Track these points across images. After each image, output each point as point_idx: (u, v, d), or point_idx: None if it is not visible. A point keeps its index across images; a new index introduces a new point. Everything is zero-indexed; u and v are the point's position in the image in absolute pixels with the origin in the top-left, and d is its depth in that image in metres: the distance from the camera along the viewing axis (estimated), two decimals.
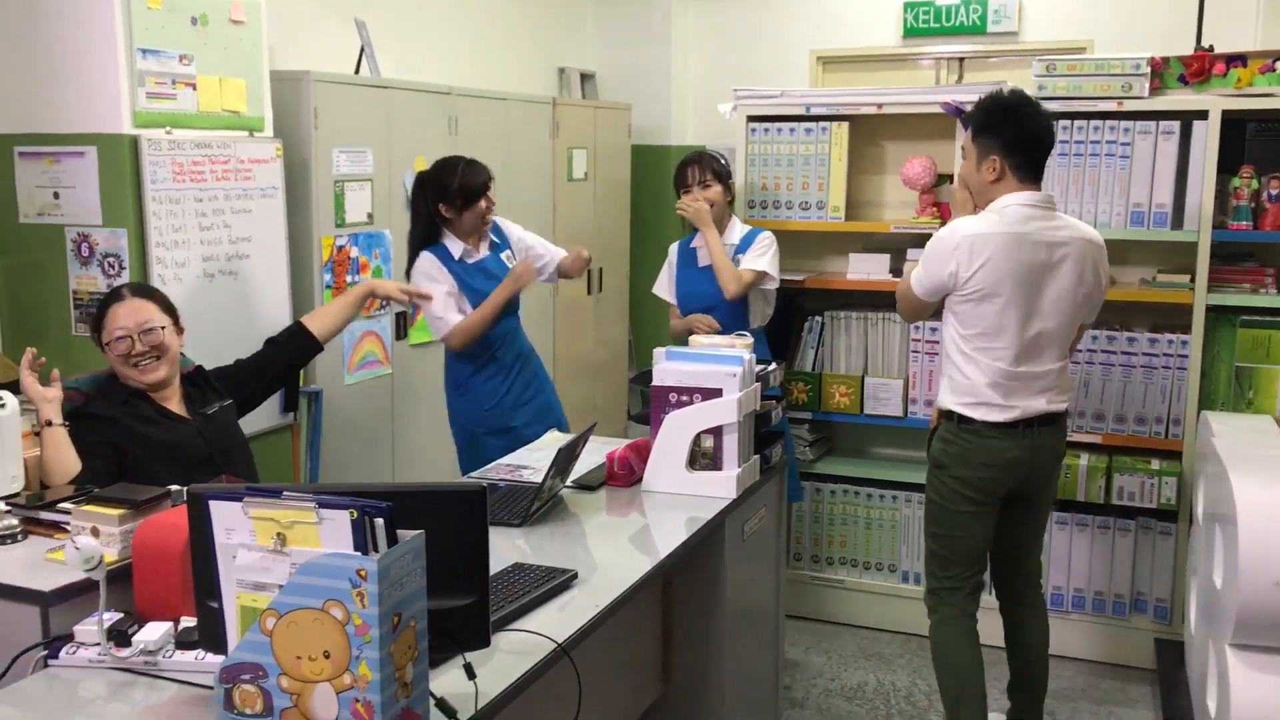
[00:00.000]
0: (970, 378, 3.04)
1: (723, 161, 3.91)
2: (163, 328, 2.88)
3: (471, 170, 3.67)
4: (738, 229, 3.91)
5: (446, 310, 3.65)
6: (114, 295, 2.92)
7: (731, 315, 3.81)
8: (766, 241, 3.84)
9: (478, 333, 3.65)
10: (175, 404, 2.95)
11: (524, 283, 3.71)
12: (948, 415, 3.11)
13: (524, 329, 3.90)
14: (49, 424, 2.69)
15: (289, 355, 3.32)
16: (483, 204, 3.69)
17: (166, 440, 2.85)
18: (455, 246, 3.70)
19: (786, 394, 4.16)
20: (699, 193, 3.81)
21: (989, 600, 3.29)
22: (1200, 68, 3.72)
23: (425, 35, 5.36)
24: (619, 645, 2.68)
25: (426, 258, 3.69)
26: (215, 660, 1.74)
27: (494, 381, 3.75)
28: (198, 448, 2.90)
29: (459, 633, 1.84)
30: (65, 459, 2.67)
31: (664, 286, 4.02)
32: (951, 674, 3.17)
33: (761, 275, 3.79)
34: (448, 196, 3.65)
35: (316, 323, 3.39)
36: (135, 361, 2.85)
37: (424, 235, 3.73)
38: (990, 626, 3.29)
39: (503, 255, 3.82)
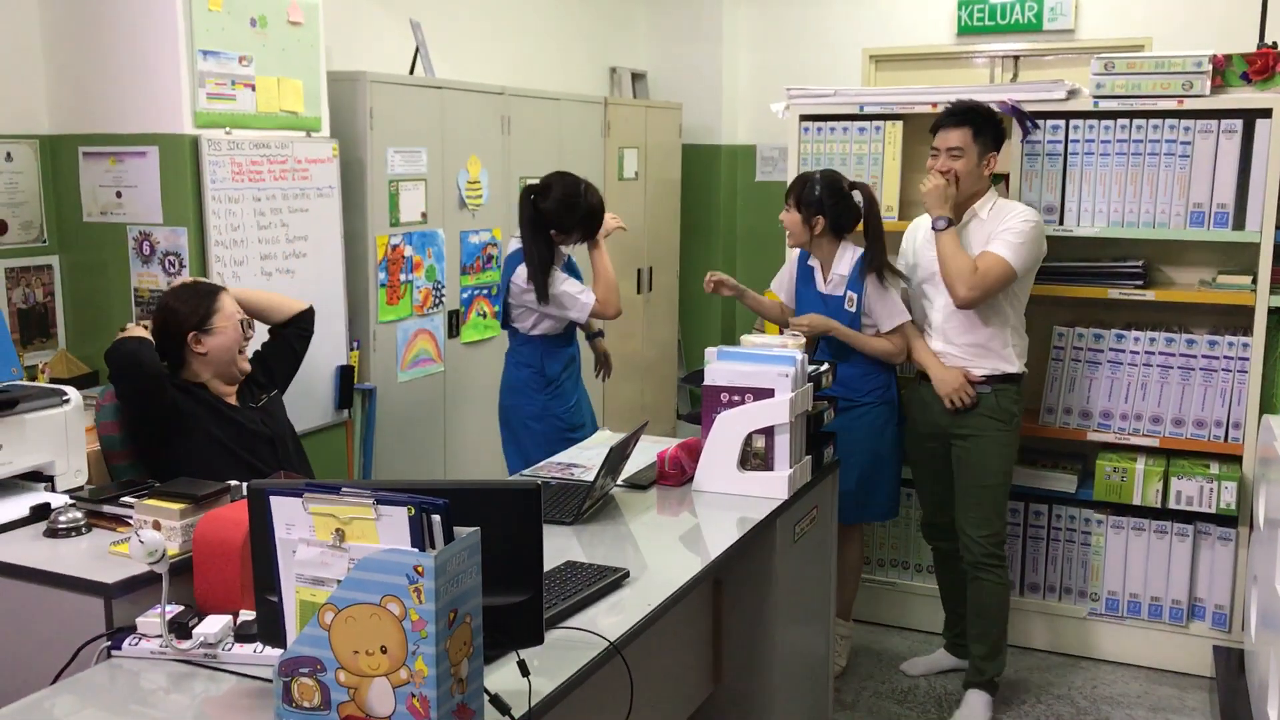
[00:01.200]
0: (1024, 340, 3.58)
1: (816, 191, 3.61)
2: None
3: (593, 190, 3.78)
4: (848, 258, 3.66)
5: (582, 290, 3.74)
6: (214, 289, 3.01)
7: (835, 344, 3.68)
8: (882, 290, 3.60)
9: (617, 290, 3.84)
10: (233, 399, 3.03)
11: (611, 228, 3.91)
12: (1011, 378, 3.52)
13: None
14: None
15: (294, 334, 3.30)
16: (602, 235, 3.85)
17: (233, 425, 2.93)
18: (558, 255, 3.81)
19: None
20: (783, 213, 3.68)
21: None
22: (1264, 65, 3.65)
23: (478, 36, 5.39)
24: (670, 644, 2.68)
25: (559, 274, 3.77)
26: (273, 653, 1.76)
27: (573, 380, 3.90)
28: (260, 433, 2.99)
29: (513, 629, 1.85)
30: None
31: (783, 286, 3.87)
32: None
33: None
34: (567, 227, 3.74)
35: None
36: (242, 348, 2.97)
37: (544, 258, 3.71)
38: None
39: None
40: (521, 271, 3.72)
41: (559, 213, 3.71)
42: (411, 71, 4.64)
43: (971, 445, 3.53)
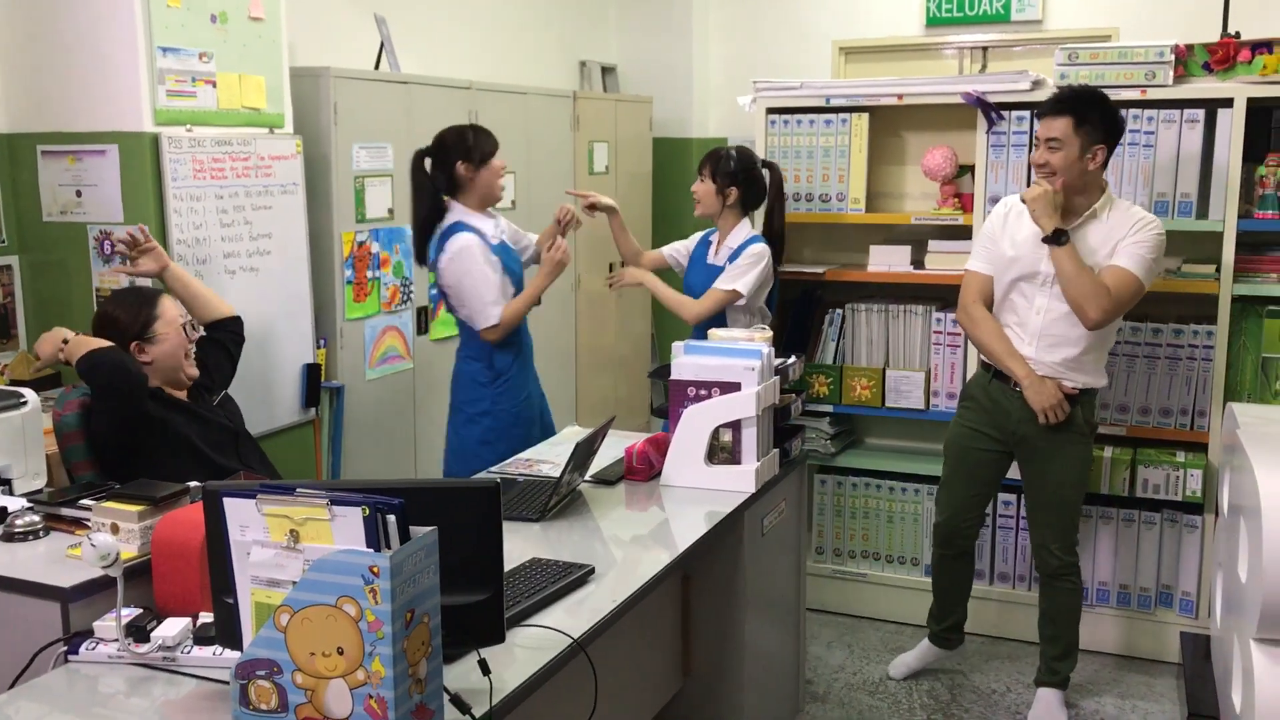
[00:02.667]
0: None
1: (732, 163, 3.73)
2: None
3: (483, 132, 3.59)
4: (741, 234, 3.76)
5: (502, 298, 3.52)
6: (155, 291, 2.97)
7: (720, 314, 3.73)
8: (752, 259, 3.68)
9: (518, 322, 3.59)
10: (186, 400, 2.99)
11: (565, 264, 3.62)
12: (1092, 390, 3.41)
13: (547, 323, 3.91)
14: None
15: (228, 339, 3.22)
16: (498, 162, 3.57)
17: (201, 421, 2.90)
18: (484, 224, 3.55)
19: (806, 387, 4.15)
20: (696, 184, 3.80)
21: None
22: (1225, 55, 3.67)
23: (446, 30, 5.36)
24: (638, 639, 2.68)
25: (470, 240, 3.47)
26: (233, 656, 1.75)
27: (527, 370, 3.73)
28: (226, 428, 2.97)
29: (474, 628, 1.85)
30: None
31: (677, 251, 4.01)
32: None
33: (731, 295, 3.67)
34: (468, 151, 3.52)
35: None
36: (189, 351, 2.93)
37: (429, 210, 3.54)
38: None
39: (507, 238, 3.70)
40: (445, 250, 3.49)
41: (452, 136, 3.56)
42: (377, 66, 4.61)
43: (1055, 457, 3.38)
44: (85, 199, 3.48)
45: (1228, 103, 3.62)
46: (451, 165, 3.54)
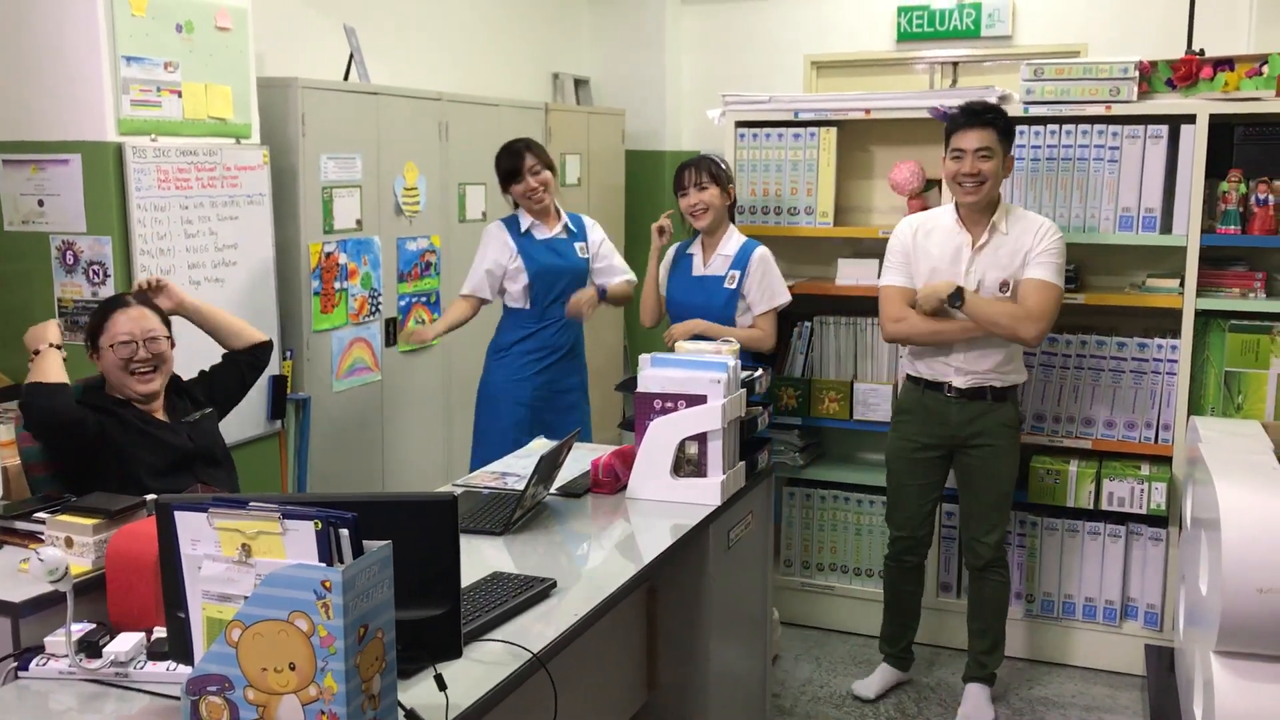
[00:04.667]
0: None
1: (723, 165, 3.82)
2: (166, 337, 2.92)
3: (506, 153, 3.99)
4: (735, 240, 3.83)
5: (473, 280, 4.01)
6: (117, 301, 2.93)
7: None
8: (772, 268, 3.78)
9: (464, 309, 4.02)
10: (160, 414, 2.95)
11: (571, 314, 4.00)
12: (1017, 386, 3.55)
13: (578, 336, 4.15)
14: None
15: (246, 362, 3.23)
16: (521, 186, 3.95)
17: (155, 442, 2.85)
18: (524, 220, 4.01)
19: (775, 400, 4.15)
20: (695, 195, 3.78)
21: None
22: (1188, 71, 3.71)
23: (416, 41, 5.36)
24: (601, 653, 2.66)
25: (495, 224, 4.05)
26: (186, 671, 1.73)
27: (531, 358, 3.99)
28: (185, 451, 2.90)
29: (430, 643, 1.83)
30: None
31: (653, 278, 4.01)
32: None
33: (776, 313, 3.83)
34: (499, 174, 4.02)
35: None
36: (135, 369, 2.85)
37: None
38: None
39: (577, 245, 4.08)
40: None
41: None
42: (346, 77, 4.60)
43: (988, 454, 3.50)
44: (48, 209, 3.45)
45: (1190, 119, 3.66)
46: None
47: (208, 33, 3.66)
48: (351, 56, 4.60)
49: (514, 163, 3.95)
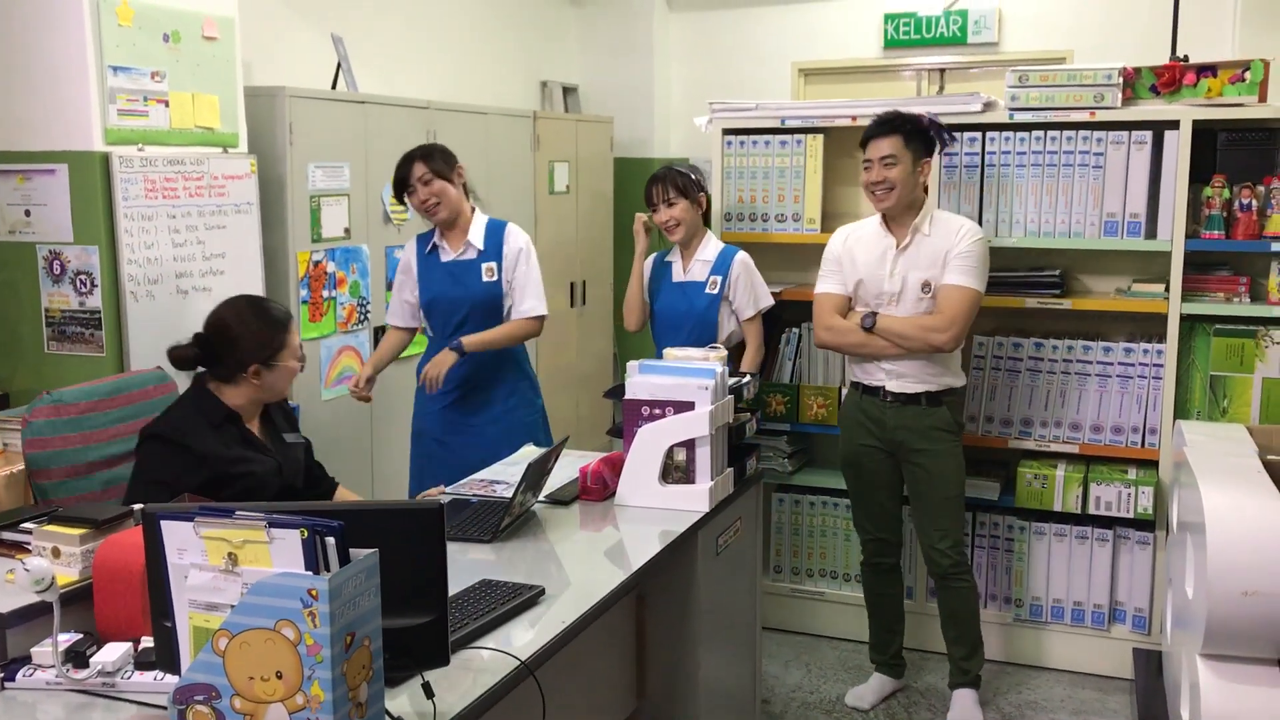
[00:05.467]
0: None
1: (693, 176, 3.83)
2: None
3: (401, 163, 3.65)
4: (712, 245, 3.87)
5: (391, 306, 3.88)
6: (285, 317, 2.80)
7: (702, 331, 3.80)
8: (754, 272, 3.81)
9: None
10: (257, 429, 2.82)
11: (425, 378, 3.65)
12: (958, 390, 3.57)
13: (497, 361, 3.78)
14: None
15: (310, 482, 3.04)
16: (414, 198, 3.63)
17: (250, 473, 2.71)
18: (435, 237, 3.74)
19: (763, 406, 4.16)
20: (665, 212, 3.79)
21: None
22: (1171, 78, 3.73)
23: (405, 50, 5.36)
24: (590, 661, 2.67)
25: (411, 241, 3.82)
26: (173, 681, 1.73)
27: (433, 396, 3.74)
28: (273, 483, 2.76)
29: (418, 651, 1.83)
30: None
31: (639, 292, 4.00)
32: None
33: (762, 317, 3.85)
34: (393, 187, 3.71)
35: None
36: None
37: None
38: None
39: (485, 266, 3.71)
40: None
41: None
42: (334, 86, 4.60)
43: (928, 458, 3.53)
44: (34, 218, 3.44)
45: (1174, 124, 3.68)
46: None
47: (195, 42, 3.66)
48: (339, 65, 4.60)
49: (401, 171, 3.61)
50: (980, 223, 3.93)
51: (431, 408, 3.80)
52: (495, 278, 3.69)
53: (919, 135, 3.46)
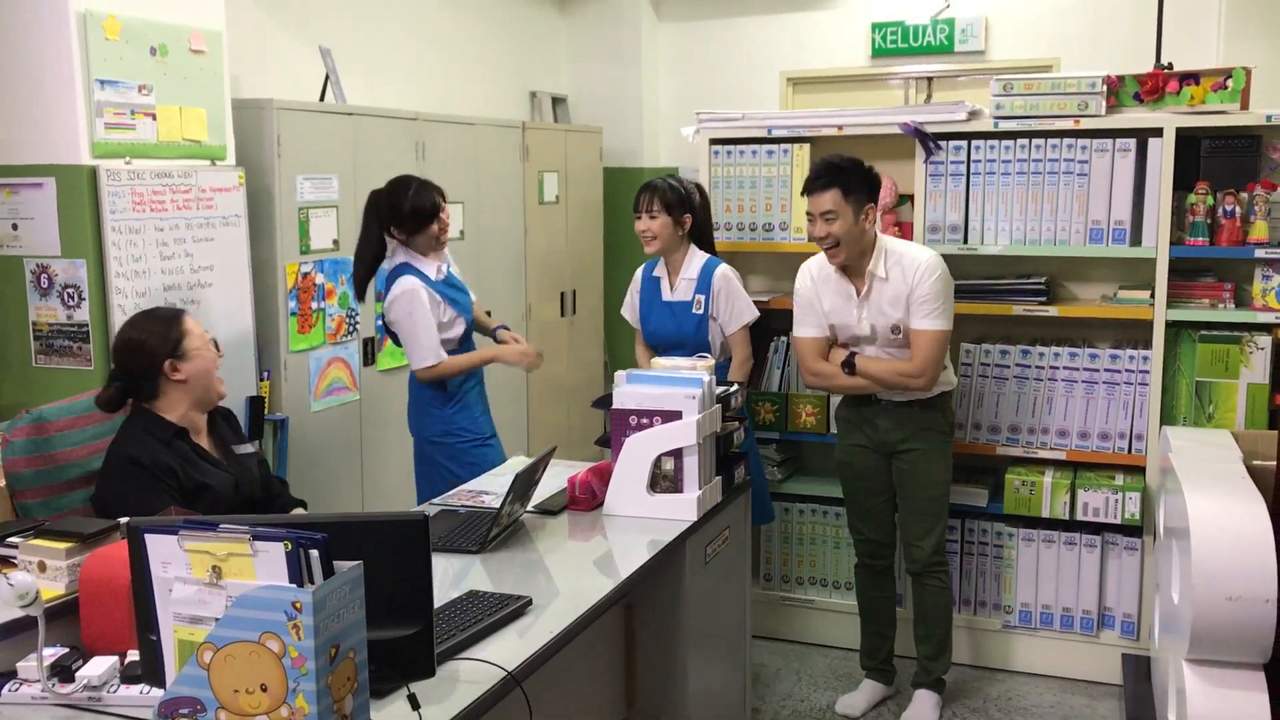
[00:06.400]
0: None
1: (684, 190, 3.79)
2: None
3: (422, 192, 3.65)
4: (696, 261, 3.81)
5: (439, 347, 3.64)
6: (175, 313, 2.84)
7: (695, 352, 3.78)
8: (734, 286, 3.78)
9: (454, 375, 3.71)
10: (206, 442, 2.83)
11: (519, 364, 3.91)
12: (948, 393, 3.62)
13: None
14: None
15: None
16: (434, 226, 3.67)
17: (207, 484, 2.73)
18: (427, 267, 3.67)
19: (752, 415, 4.17)
20: (646, 221, 3.78)
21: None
22: (1154, 85, 3.76)
23: (393, 61, 5.38)
24: (579, 671, 2.67)
25: (415, 284, 3.59)
26: (159, 694, 1.73)
27: (476, 392, 3.81)
28: (231, 498, 2.77)
29: (404, 663, 1.84)
30: None
31: (630, 310, 4.01)
32: None
33: (748, 328, 3.84)
34: (398, 219, 3.64)
35: None
36: (217, 366, 2.82)
37: (374, 255, 3.71)
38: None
39: (453, 269, 3.81)
40: (392, 290, 3.63)
41: (386, 195, 3.67)
42: (322, 98, 4.61)
43: (918, 459, 3.57)
44: (22, 232, 3.45)
45: (1158, 132, 3.70)
46: (386, 226, 3.68)
47: (182, 55, 3.67)
48: (327, 77, 4.61)
49: (430, 202, 3.65)
50: (966, 231, 3.96)
51: (481, 407, 3.82)
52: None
53: (859, 183, 3.41)
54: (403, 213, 3.63)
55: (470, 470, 3.60)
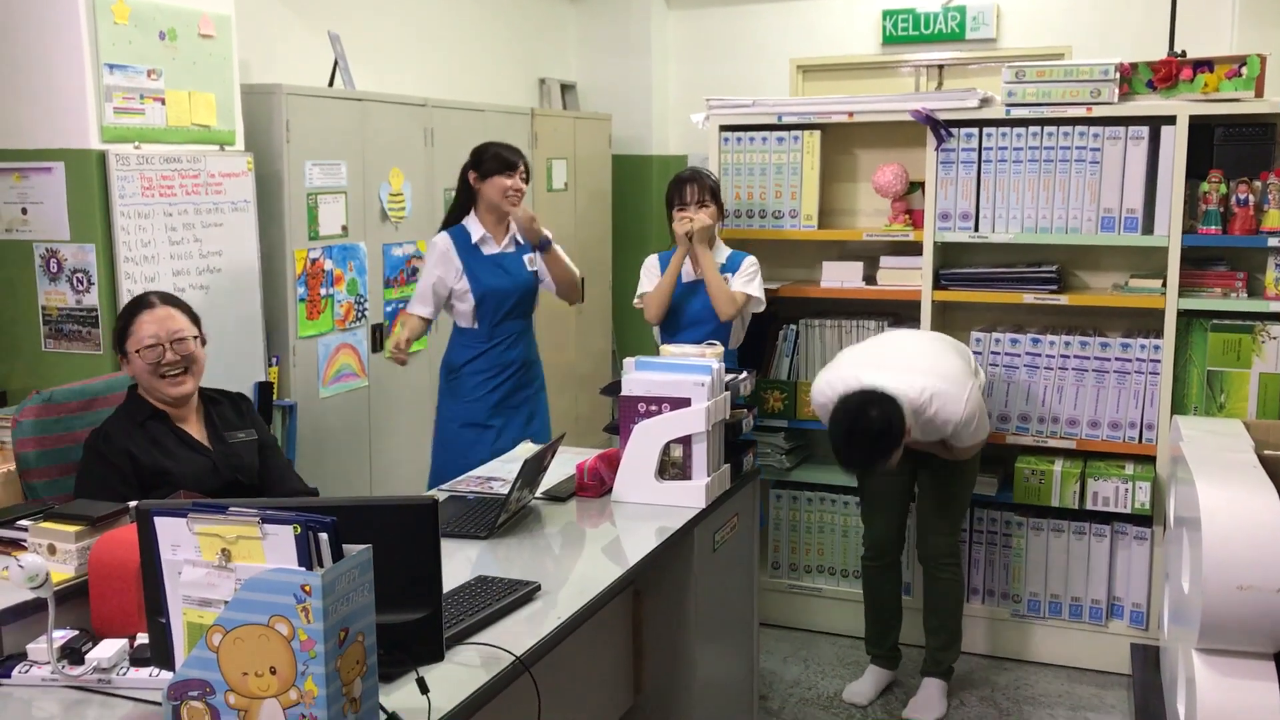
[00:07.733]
0: None
1: (713, 179, 3.88)
2: (194, 337, 2.78)
3: (510, 149, 3.82)
4: (723, 249, 3.88)
5: (420, 299, 3.82)
6: (141, 302, 2.79)
7: (715, 335, 3.78)
8: (754, 267, 3.84)
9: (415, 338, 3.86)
10: (194, 426, 2.81)
11: (524, 226, 3.79)
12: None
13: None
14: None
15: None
16: (505, 180, 3.75)
17: (181, 474, 2.71)
18: (475, 230, 3.80)
19: (761, 403, 4.16)
20: (696, 211, 3.77)
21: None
22: (1168, 73, 3.73)
23: (402, 47, 5.36)
24: (587, 656, 2.67)
25: (441, 238, 3.81)
26: (168, 677, 1.73)
27: (483, 376, 3.81)
28: (205, 479, 2.73)
29: (412, 647, 1.84)
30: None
31: (647, 285, 3.95)
32: None
33: (751, 299, 3.83)
34: (479, 163, 3.79)
35: None
36: (164, 372, 2.71)
37: (456, 212, 3.88)
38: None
39: (525, 257, 3.88)
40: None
41: (478, 147, 3.86)
42: (331, 84, 4.60)
43: (949, 469, 3.58)
44: (31, 216, 3.45)
45: (1171, 120, 3.68)
46: (467, 171, 3.84)
47: (191, 40, 3.66)
48: (336, 62, 4.60)
49: (511, 157, 3.77)
50: (977, 218, 3.94)
51: (478, 393, 3.83)
52: (535, 266, 3.90)
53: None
54: (485, 155, 3.78)
55: (451, 453, 3.77)
